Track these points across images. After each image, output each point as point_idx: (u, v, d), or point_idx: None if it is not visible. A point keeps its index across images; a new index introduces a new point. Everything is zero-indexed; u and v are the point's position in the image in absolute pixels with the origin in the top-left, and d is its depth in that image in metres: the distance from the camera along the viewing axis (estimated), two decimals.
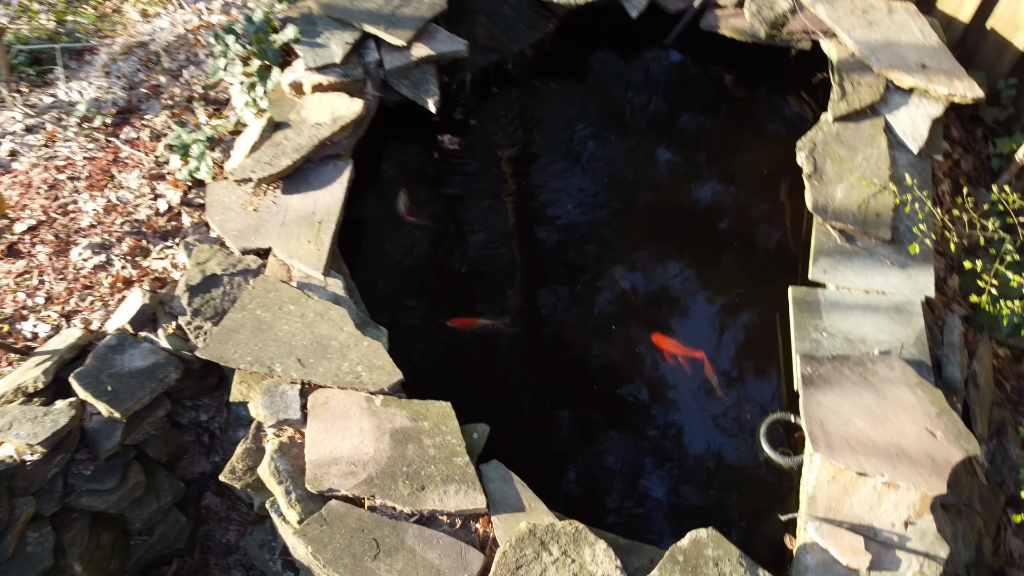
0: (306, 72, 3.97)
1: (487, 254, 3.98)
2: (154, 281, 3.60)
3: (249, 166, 3.65)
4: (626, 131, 4.52)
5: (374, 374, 3.06)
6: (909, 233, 3.62)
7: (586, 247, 4.00)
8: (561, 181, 4.24)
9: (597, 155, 4.40)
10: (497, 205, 4.12)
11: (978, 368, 3.43)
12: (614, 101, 4.69)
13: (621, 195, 4.21)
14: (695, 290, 3.92)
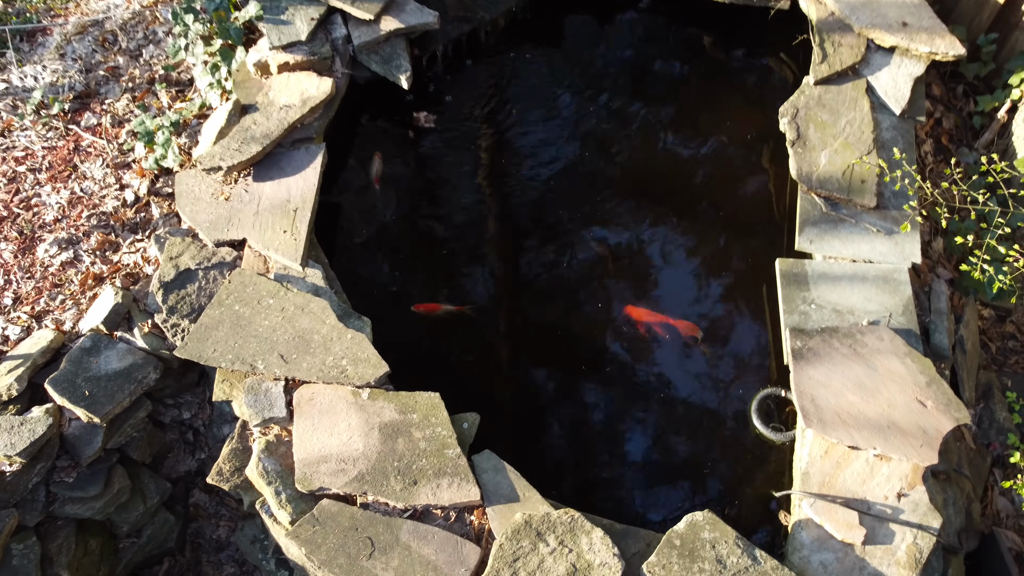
0: (271, 51, 3.81)
1: (465, 232, 3.90)
2: (126, 277, 3.49)
3: (217, 154, 3.52)
4: (603, 98, 4.42)
5: (359, 367, 3.00)
6: (894, 198, 3.58)
7: (565, 219, 3.93)
8: (539, 153, 4.15)
9: (574, 124, 4.29)
10: (474, 181, 4.03)
11: (965, 333, 3.43)
12: (590, 67, 4.57)
13: (599, 164, 4.13)
14: (678, 260, 3.88)
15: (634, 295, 3.75)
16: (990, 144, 4.04)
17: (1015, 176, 3.84)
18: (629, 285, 3.77)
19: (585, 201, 4.00)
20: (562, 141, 4.19)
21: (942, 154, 4.15)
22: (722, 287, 3.76)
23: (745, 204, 4.06)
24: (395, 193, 3.97)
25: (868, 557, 2.73)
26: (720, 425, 3.33)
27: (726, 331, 3.60)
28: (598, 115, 4.33)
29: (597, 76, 4.53)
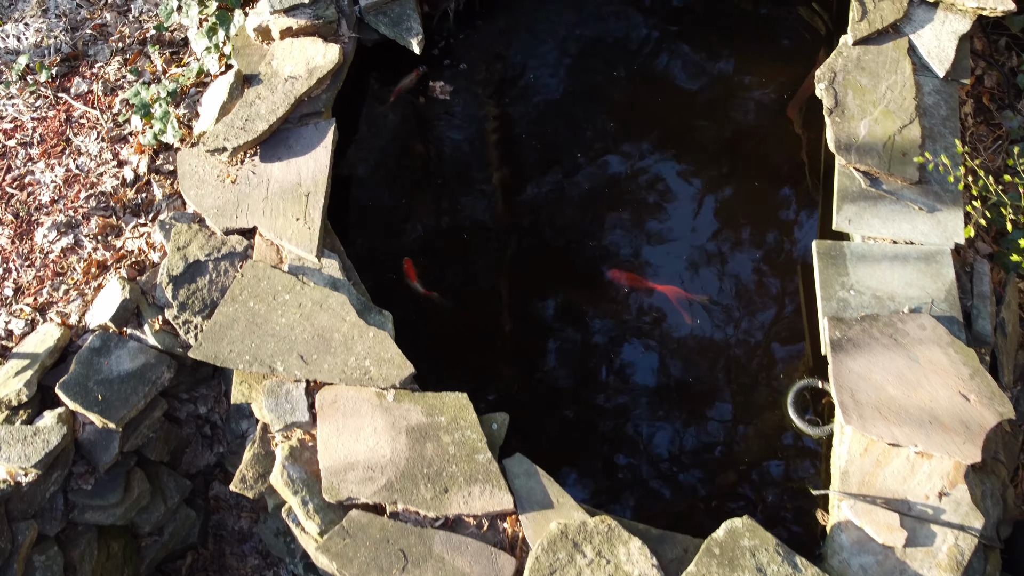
0: (272, 15, 3.54)
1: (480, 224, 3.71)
2: (131, 267, 3.32)
3: (221, 133, 3.30)
4: (624, 52, 4.16)
5: (383, 368, 2.88)
6: (936, 171, 3.40)
7: (586, 182, 3.75)
8: (557, 117, 3.92)
9: (594, 84, 4.04)
10: (491, 158, 3.81)
11: (1006, 315, 3.31)
12: (610, 19, 4.29)
13: (622, 126, 3.91)
14: (708, 233, 3.70)
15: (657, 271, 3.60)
16: None
17: None
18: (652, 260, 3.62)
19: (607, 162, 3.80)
20: (578, 102, 3.95)
21: (982, 115, 3.94)
22: (752, 262, 3.61)
23: (774, 171, 3.87)
24: (408, 170, 3.77)
25: (908, 560, 2.69)
26: (752, 416, 3.24)
27: (757, 310, 3.47)
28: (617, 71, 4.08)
29: (618, 28, 4.25)
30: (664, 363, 3.39)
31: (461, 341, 3.48)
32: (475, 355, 3.46)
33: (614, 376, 3.38)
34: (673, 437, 3.22)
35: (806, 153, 3.86)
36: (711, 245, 3.65)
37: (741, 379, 3.30)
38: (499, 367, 3.44)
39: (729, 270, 3.59)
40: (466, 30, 4.10)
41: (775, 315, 3.45)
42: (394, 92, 3.89)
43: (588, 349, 3.43)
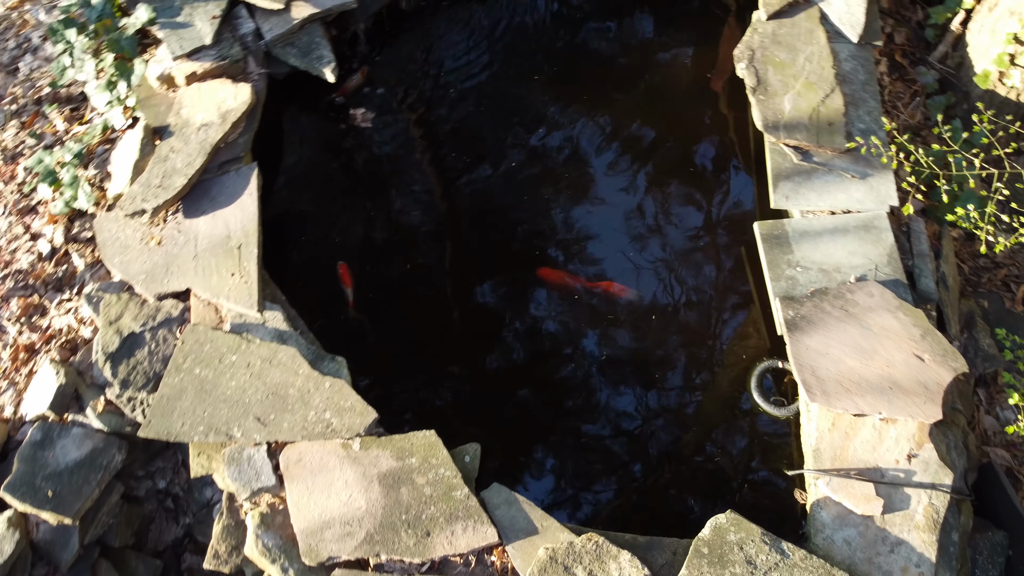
0: (175, 62, 3.38)
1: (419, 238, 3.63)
2: (62, 348, 3.15)
3: (138, 194, 3.14)
4: (538, 47, 4.11)
5: (345, 418, 2.79)
6: (863, 136, 3.45)
7: (518, 177, 3.69)
8: (484, 120, 3.85)
9: (511, 86, 3.98)
10: (421, 177, 3.73)
11: (946, 268, 3.39)
12: (520, 14, 4.22)
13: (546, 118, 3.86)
14: (646, 223, 3.70)
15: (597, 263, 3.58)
16: (944, 57, 3.91)
17: (972, 90, 3.75)
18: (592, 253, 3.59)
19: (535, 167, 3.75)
20: (495, 105, 3.88)
21: (897, 72, 4.01)
22: (695, 251, 3.62)
23: (705, 153, 3.88)
24: (339, 196, 3.66)
25: (888, 526, 2.75)
26: (716, 404, 3.26)
27: (708, 299, 3.49)
28: (532, 71, 4.03)
29: (528, 24, 4.19)
30: (618, 353, 3.37)
31: (415, 341, 3.41)
32: (428, 355, 3.39)
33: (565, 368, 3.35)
34: (638, 431, 3.21)
35: (735, 132, 3.88)
36: (649, 234, 3.65)
37: (699, 367, 3.31)
38: (451, 366, 3.38)
39: (671, 258, 3.59)
40: (379, 47, 3.99)
41: (726, 301, 3.47)
42: (340, 91, 3.78)
43: (538, 338, 3.39)
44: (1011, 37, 3.47)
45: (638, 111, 3.99)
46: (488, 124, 3.83)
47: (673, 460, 3.18)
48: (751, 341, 3.35)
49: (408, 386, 3.30)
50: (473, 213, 3.66)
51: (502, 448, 3.16)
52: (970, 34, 3.75)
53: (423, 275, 3.53)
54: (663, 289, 3.50)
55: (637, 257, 3.58)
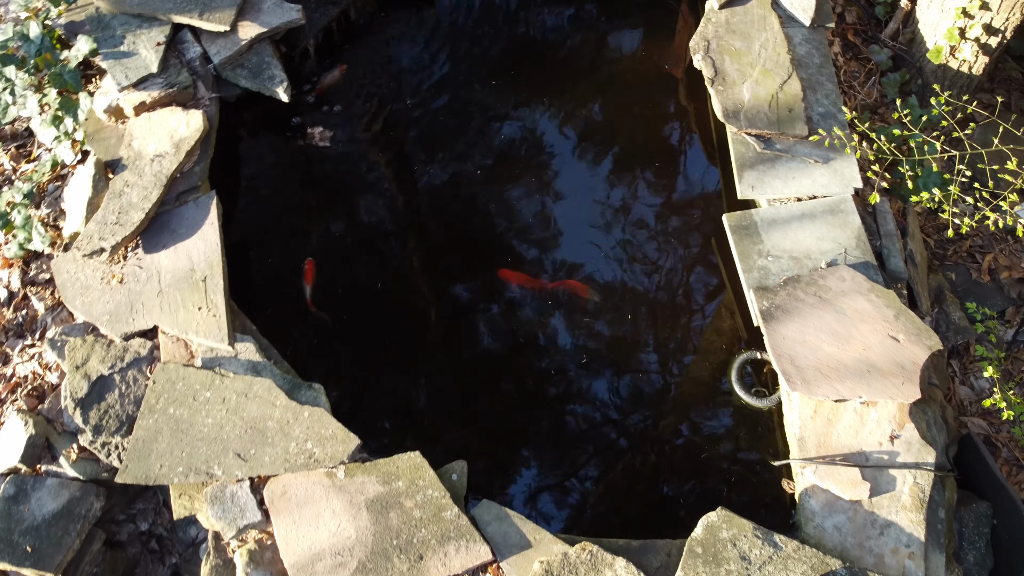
0: (122, 93, 3.28)
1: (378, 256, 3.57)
2: (29, 396, 3.06)
3: (95, 233, 3.05)
4: (493, 45, 4.07)
5: (327, 447, 2.75)
6: (823, 120, 3.47)
7: (484, 178, 3.65)
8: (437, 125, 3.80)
9: (469, 87, 3.93)
10: (384, 188, 3.67)
11: (913, 246, 3.43)
12: (471, 13, 4.17)
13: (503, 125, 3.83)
14: (613, 217, 3.68)
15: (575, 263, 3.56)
16: (896, 34, 3.94)
17: (925, 65, 3.79)
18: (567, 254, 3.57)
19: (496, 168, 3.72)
20: (453, 112, 3.83)
21: (851, 51, 4.04)
22: (667, 245, 3.61)
23: (668, 144, 3.88)
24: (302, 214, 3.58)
25: (876, 509, 2.77)
26: (699, 398, 3.26)
27: (681, 293, 3.49)
28: (488, 76, 3.99)
29: (479, 29, 4.14)
30: (596, 349, 3.36)
31: (387, 343, 3.38)
32: (402, 360, 3.36)
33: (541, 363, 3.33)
34: (619, 429, 3.20)
35: (696, 121, 3.87)
36: (616, 228, 3.64)
37: (677, 362, 3.31)
38: (425, 368, 3.35)
39: (641, 252, 3.58)
40: (331, 61, 3.91)
41: (699, 293, 3.47)
42: (317, 89, 3.74)
43: (516, 339, 3.37)
44: (960, 11, 3.50)
45: (598, 104, 3.97)
46: (449, 128, 3.78)
47: (658, 458, 3.18)
48: (727, 333, 3.36)
49: (382, 390, 3.26)
50: (439, 218, 3.61)
51: (483, 450, 3.14)
52: (919, 10, 3.78)
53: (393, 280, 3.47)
54: (635, 285, 3.49)
55: (606, 251, 3.57)
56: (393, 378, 3.33)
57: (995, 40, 3.52)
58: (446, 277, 3.47)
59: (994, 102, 4.05)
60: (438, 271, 3.48)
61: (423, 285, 3.45)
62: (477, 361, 3.34)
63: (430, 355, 3.34)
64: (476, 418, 3.24)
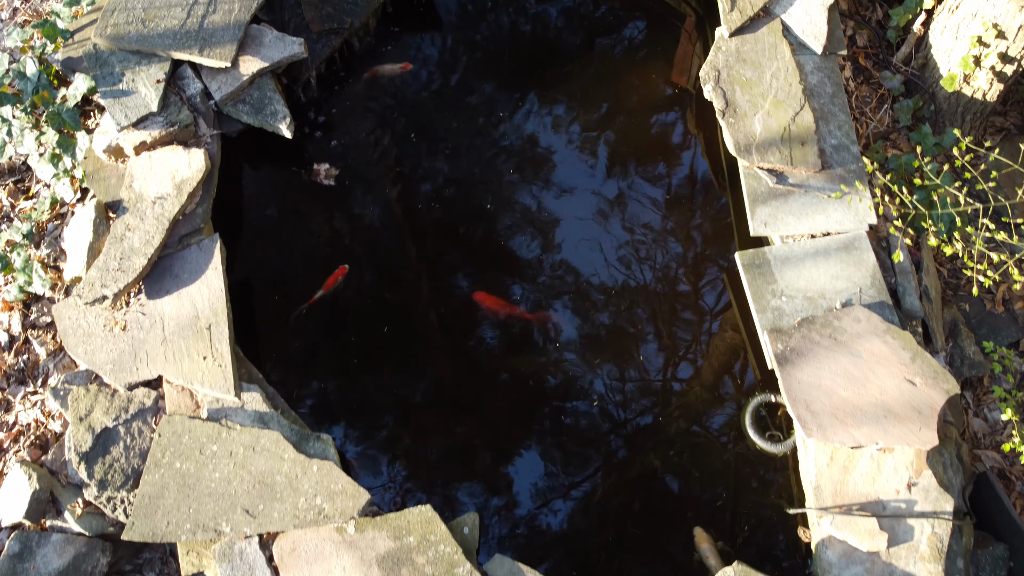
0: (121, 132, 3.21)
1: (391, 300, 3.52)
2: (32, 446, 3.01)
3: (96, 280, 3.00)
4: (499, 77, 3.99)
5: (337, 502, 2.70)
6: (836, 153, 3.40)
7: (494, 209, 3.59)
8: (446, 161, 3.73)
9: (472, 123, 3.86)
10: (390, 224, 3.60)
11: (928, 281, 3.38)
12: (478, 45, 4.09)
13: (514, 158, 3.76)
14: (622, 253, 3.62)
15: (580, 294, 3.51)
16: (908, 58, 3.87)
17: (938, 91, 3.72)
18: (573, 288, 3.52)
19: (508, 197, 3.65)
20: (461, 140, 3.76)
21: (862, 75, 3.97)
22: (679, 281, 3.56)
23: (679, 175, 3.81)
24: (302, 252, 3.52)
25: (894, 560, 2.74)
26: (712, 439, 3.22)
27: (694, 331, 3.43)
28: (497, 102, 3.91)
29: (487, 53, 4.07)
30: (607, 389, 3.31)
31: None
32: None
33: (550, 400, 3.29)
34: (631, 472, 3.16)
35: (706, 153, 3.81)
36: (626, 258, 3.58)
37: (690, 401, 3.27)
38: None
39: (651, 287, 3.52)
40: (333, 91, 3.83)
41: (712, 331, 3.42)
42: (372, 71, 3.82)
43: (531, 377, 3.33)
44: (975, 40, 3.44)
45: (604, 132, 3.90)
46: (454, 160, 3.71)
47: (669, 501, 3.14)
48: (740, 372, 3.31)
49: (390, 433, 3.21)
50: (448, 257, 3.55)
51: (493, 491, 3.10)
52: (932, 35, 3.71)
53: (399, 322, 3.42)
54: (644, 323, 3.44)
55: (615, 285, 3.52)
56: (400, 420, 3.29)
57: (1010, 68, 3.45)
58: (455, 318, 3.41)
59: (1007, 125, 4.00)
60: (446, 313, 3.42)
61: (432, 328, 3.39)
62: (489, 406, 3.29)
63: (439, 396, 3.30)
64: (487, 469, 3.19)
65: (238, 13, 3.39)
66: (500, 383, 3.33)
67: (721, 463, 3.15)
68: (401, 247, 3.50)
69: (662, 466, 3.15)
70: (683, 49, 4.17)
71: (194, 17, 3.35)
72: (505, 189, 3.67)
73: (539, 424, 3.22)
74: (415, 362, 3.34)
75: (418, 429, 3.24)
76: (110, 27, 3.29)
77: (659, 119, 3.94)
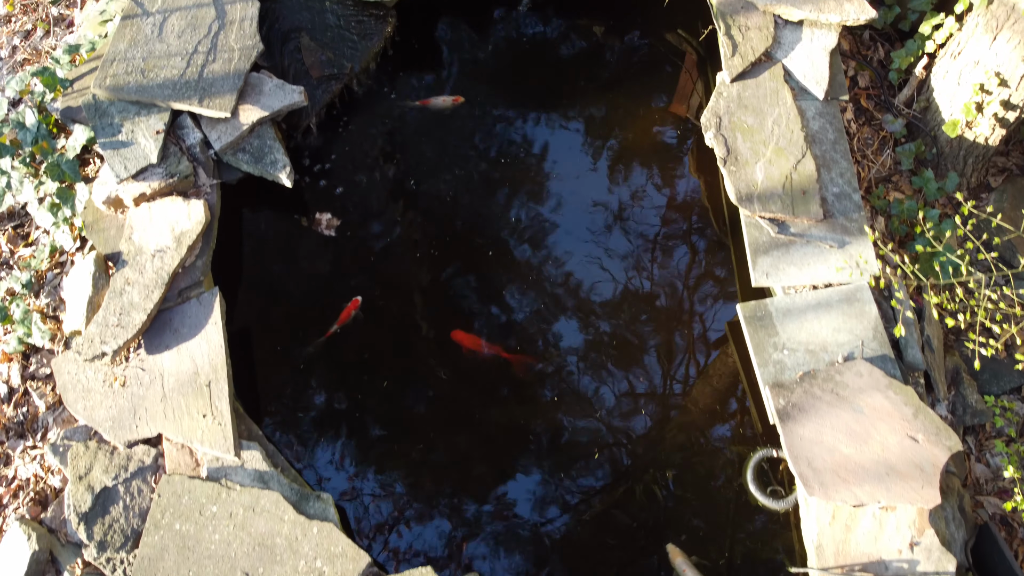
0: (120, 184, 3.20)
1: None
2: (32, 502, 3.00)
3: (96, 336, 2.98)
4: (501, 121, 3.98)
5: (337, 565, 2.69)
6: (837, 201, 3.39)
7: (497, 257, 3.59)
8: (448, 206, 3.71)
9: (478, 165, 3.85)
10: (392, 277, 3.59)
11: (929, 330, 3.36)
12: (481, 89, 4.07)
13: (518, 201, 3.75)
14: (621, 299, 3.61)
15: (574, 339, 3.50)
16: (910, 100, 3.86)
17: (940, 135, 3.71)
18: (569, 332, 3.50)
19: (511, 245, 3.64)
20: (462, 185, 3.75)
21: (863, 116, 3.96)
22: (679, 329, 3.55)
23: (680, 220, 3.80)
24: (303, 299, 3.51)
25: None
26: (713, 494, 3.20)
27: (695, 381, 3.42)
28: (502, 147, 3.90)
29: (490, 96, 4.04)
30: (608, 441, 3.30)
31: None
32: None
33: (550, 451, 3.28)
34: (634, 530, 3.15)
35: (707, 198, 3.80)
36: (631, 308, 3.56)
37: (690, 456, 3.25)
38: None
39: (653, 337, 3.51)
40: (333, 136, 3.82)
41: (713, 382, 3.41)
42: (422, 102, 3.85)
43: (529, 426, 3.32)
44: (977, 87, 3.43)
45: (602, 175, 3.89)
46: (456, 207, 3.70)
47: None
48: (742, 425, 3.30)
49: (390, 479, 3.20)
50: (449, 306, 3.54)
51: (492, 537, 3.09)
52: (935, 78, 3.70)
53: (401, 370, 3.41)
54: (643, 372, 3.43)
55: (615, 333, 3.51)
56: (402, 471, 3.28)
57: (1013, 115, 3.44)
58: (456, 369, 3.40)
59: (1009, 165, 3.99)
60: (447, 364, 3.41)
61: (433, 378, 3.38)
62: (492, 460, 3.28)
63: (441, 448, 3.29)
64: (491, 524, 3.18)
65: (238, 62, 3.38)
66: (505, 439, 3.32)
67: (722, 516, 3.14)
68: (403, 296, 3.49)
69: (664, 520, 3.14)
70: (683, 85, 4.16)
71: (194, 66, 3.34)
72: (507, 234, 3.65)
73: (545, 483, 3.21)
74: (415, 414, 3.33)
75: (419, 482, 3.23)
76: (109, 78, 3.28)
77: (660, 161, 3.93)
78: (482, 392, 3.37)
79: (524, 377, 3.35)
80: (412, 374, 3.37)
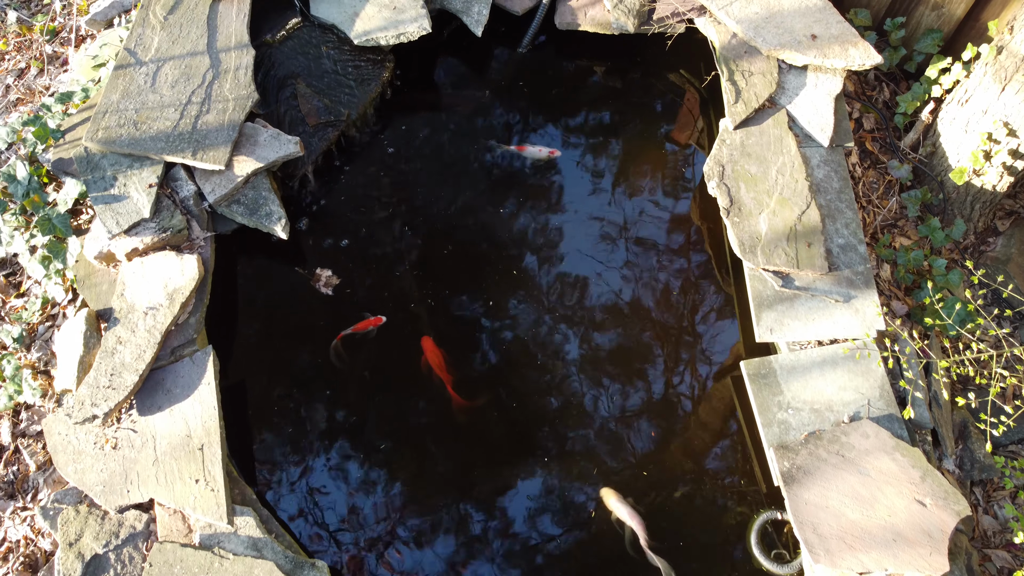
0: (112, 239, 3.15)
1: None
2: (23, 566, 2.94)
3: (87, 398, 2.93)
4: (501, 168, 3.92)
5: None
6: (843, 253, 3.33)
7: (500, 317, 3.53)
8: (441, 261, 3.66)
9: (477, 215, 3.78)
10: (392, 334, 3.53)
11: (936, 387, 3.30)
12: (480, 133, 4.00)
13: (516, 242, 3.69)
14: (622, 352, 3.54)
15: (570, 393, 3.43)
16: (916, 145, 3.80)
17: (947, 181, 3.65)
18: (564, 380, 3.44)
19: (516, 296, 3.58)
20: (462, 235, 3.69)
21: (868, 159, 3.90)
22: (681, 385, 3.48)
23: (681, 270, 3.74)
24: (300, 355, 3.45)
25: None
26: (716, 557, 3.14)
27: (698, 438, 3.35)
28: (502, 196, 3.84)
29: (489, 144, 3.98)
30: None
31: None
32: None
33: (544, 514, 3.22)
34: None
35: (710, 245, 3.74)
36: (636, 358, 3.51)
37: (693, 517, 3.19)
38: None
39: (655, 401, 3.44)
40: (330, 185, 3.76)
41: (715, 440, 3.34)
42: (519, 147, 3.89)
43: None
44: (985, 136, 3.37)
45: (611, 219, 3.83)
46: (466, 254, 3.64)
47: None
48: (745, 485, 3.23)
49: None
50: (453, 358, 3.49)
51: None
52: (941, 124, 3.64)
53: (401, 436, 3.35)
54: (641, 432, 3.36)
55: (617, 382, 3.45)
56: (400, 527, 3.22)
57: (1022, 164, 3.38)
58: (455, 427, 3.34)
59: (1016, 208, 3.93)
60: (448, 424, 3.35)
61: (430, 436, 3.33)
62: (497, 523, 3.22)
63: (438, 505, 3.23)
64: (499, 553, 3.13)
65: (232, 113, 3.32)
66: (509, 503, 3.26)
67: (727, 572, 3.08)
68: (401, 349, 3.43)
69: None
70: (684, 117, 4.10)
71: (187, 118, 3.28)
72: (509, 284, 3.59)
73: (546, 547, 3.15)
74: (412, 473, 3.27)
75: (417, 539, 3.17)
76: (101, 130, 3.22)
77: (663, 209, 3.87)
78: (486, 452, 3.31)
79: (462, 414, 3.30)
80: (409, 436, 3.31)
